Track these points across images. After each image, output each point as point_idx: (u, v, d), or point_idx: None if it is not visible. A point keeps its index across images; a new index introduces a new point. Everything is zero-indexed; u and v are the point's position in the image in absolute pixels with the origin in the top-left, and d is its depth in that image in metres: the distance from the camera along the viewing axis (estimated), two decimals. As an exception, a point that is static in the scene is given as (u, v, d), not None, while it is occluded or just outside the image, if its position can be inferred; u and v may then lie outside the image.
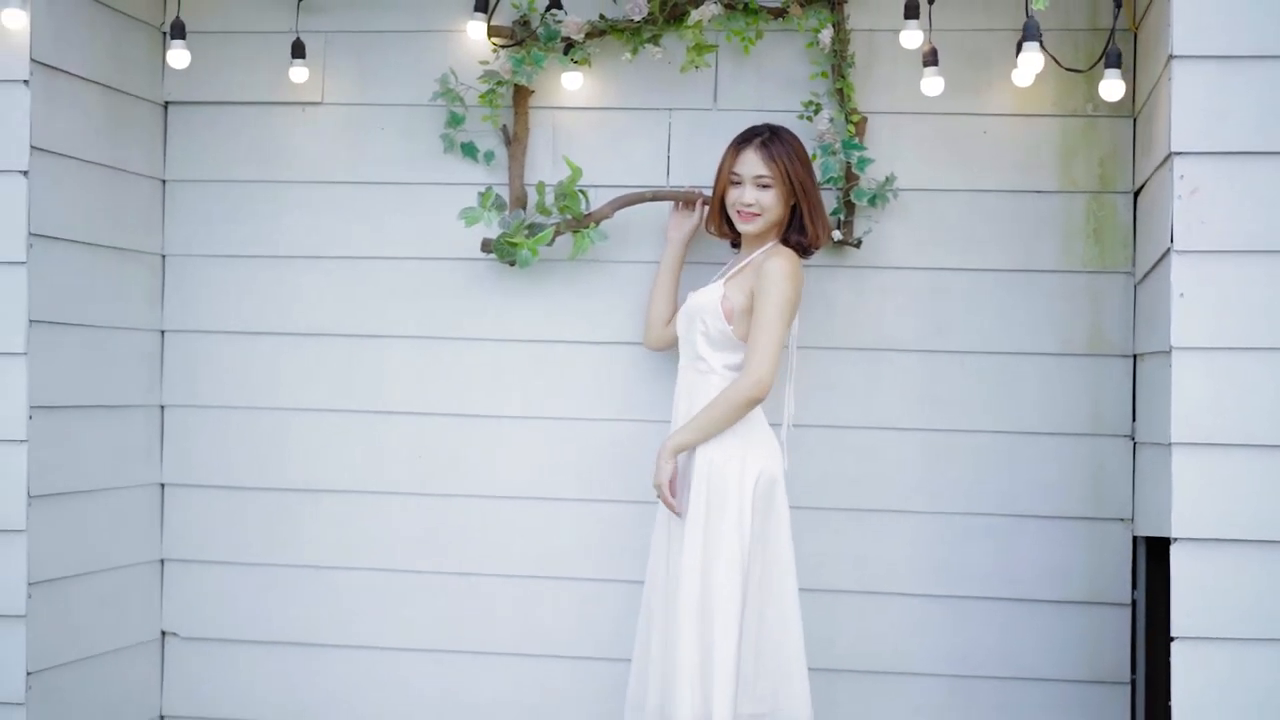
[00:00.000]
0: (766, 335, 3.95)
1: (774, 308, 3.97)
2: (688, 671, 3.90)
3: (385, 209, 4.67)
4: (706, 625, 3.92)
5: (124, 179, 4.56)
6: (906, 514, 4.49)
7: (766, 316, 3.97)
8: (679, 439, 4.02)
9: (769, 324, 3.96)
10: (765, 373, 3.94)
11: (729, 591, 3.92)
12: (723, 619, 3.91)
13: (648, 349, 4.48)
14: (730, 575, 3.92)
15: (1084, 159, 4.43)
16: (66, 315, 4.28)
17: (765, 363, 3.94)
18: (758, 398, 3.96)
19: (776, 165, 4.07)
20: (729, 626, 3.90)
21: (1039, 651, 4.44)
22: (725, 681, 3.89)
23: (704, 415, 4.01)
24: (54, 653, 4.24)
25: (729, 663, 3.89)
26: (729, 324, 4.04)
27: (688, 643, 3.92)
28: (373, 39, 4.67)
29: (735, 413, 3.98)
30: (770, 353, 3.95)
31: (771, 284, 3.98)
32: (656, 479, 4.02)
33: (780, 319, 3.98)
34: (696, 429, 4.01)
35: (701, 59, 4.43)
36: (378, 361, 4.68)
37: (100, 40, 4.41)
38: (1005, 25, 4.37)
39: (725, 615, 3.91)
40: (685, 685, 3.90)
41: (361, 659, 4.70)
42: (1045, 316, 4.44)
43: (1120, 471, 4.40)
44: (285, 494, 4.73)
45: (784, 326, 4.00)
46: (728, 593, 3.92)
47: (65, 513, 4.28)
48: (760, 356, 3.95)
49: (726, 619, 3.90)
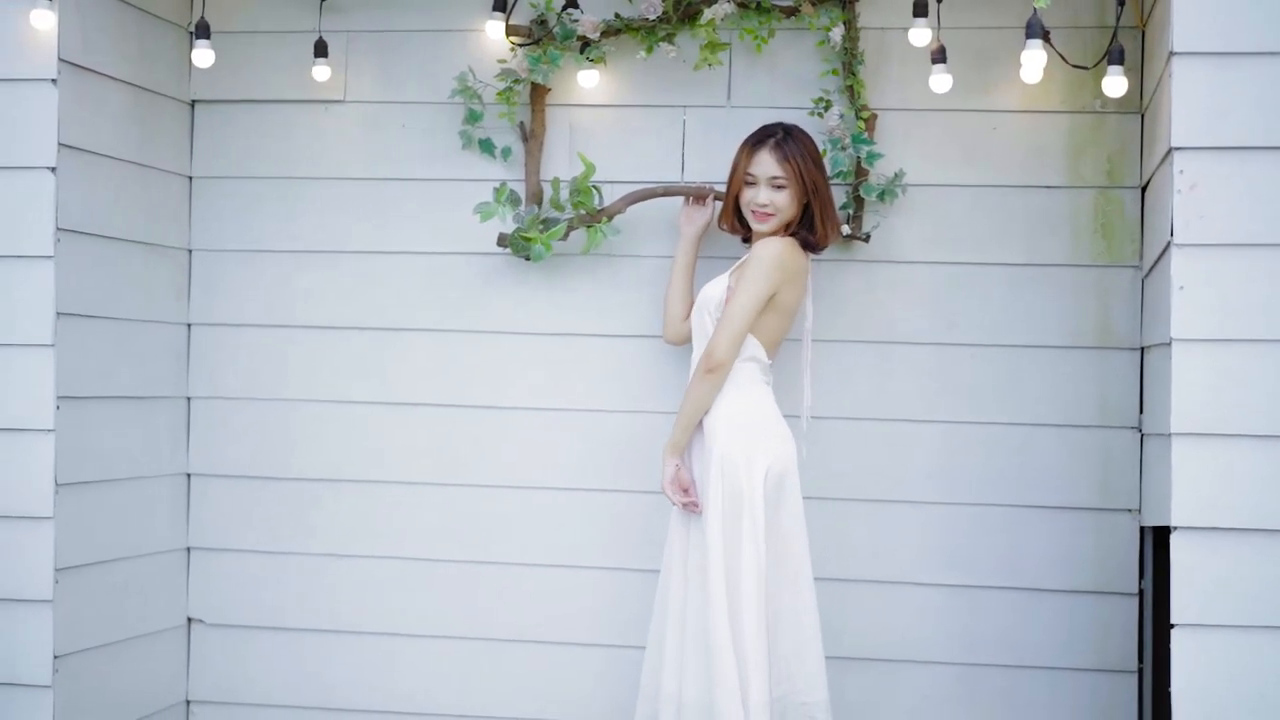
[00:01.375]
0: (730, 310, 4.04)
1: (745, 286, 4.05)
2: (725, 659, 3.94)
3: (405, 204, 4.75)
4: (734, 615, 3.97)
5: (151, 175, 4.65)
6: (917, 504, 4.54)
7: (737, 293, 4.05)
8: (672, 438, 4.12)
9: (736, 298, 4.05)
10: (718, 343, 4.04)
11: (750, 582, 3.97)
12: (748, 608, 3.96)
13: (667, 343, 4.53)
14: (750, 565, 3.97)
15: (1092, 155, 4.46)
16: (94, 308, 4.36)
17: (721, 334, 4.04)
18: (711, 368, 4.04)
19: (791, 166, 4.12)
20: (754, 615, 3.95)
21: (1047, 640, 4.48)
22: (757, 668, 3.94)
23: (682, 407, 4.10)
24: (81, 637, 4.32)
25: (759, 652, 3.95)
26: (730, 316, 4.11)
27: (721, 632, 3.95)
28: (394, 38, 4.75)
29: (702, 390, 4.07)
30: (729, 325, 4.04)
31: (751, 266, 4.06)
32: (661, 480, 4.11)
33: (748, 300, 4.04)
34: (681, 422, 4.11)
35: (715, 57, 4.49)
36: (397, 354, 4.76)
37: (127, 40, 4.50)
38: (1013, 23, 4.38)
39: (749, 605, 3.96)
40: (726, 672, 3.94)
41: (383, 645, 4.78)
42: (1054, 310, 4.48)
43: (1128, 462, 4.44)
44: (308, 484, 4.81)
45: (751, 306, 4.05)
46: (749, 583, 3.97)
47: (92, 501, 4.37)
48: (719, 329, 4.05)
49: (751, 608, 3.96)
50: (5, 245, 4.17)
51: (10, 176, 4.17)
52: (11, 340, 4.17)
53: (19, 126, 4.16)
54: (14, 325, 4.17)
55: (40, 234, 4.16)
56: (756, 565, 3.98)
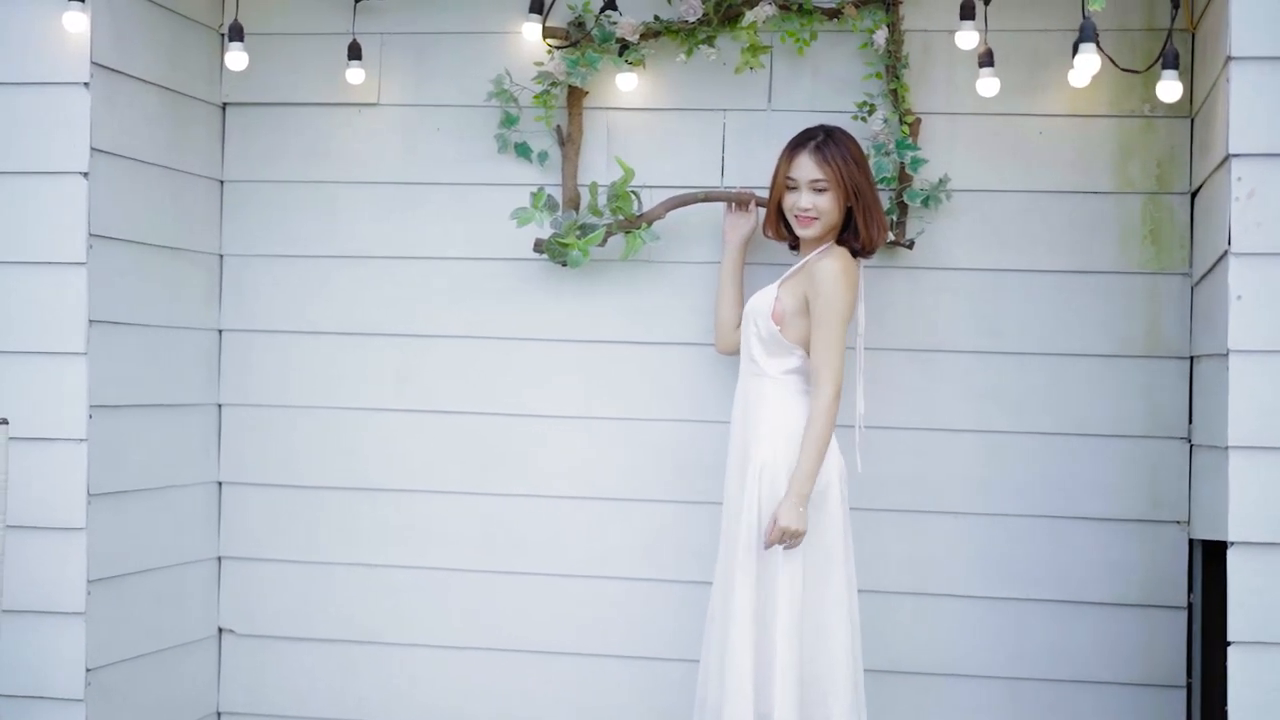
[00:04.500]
0: (825, 341, 3.96)
1: (829, 310, 3.97)
2: (739, 678, 3.89)
3: (439, 209, 4.69)
4: (765, 630, 3.91)
5: (182, 180, 4.59)
6: (961, 515, 4.47)
7: (823, 319, 3.97)
8: (799, 487, 3.91)
9: (827, 327, 3.96)
10: (828, 377, 3.94)
11: (785, 598, 3.91)
12: (780, 625, 3.90)
13: (720, 353, 4.45)
14: (785, 581, 3.91)
15: (1141, 160, 4.40)
16: (126, 315, 4.31)
17: (829, 369, 3.94)
18: (834, 401, 3.94)
19: (831, 169, 4.05)
20: (786, 632, 3.89)
21: (1094, 654, 4.41)
22: (785, 689, 3.88)
23: (805, 450, 3.93)
24: (113, 650, 4.27)
25: (789, 669, 3.89)
26: (777, 326, 4.04)
27: (739, 649, 3.90)
28: (428, 40, 4.69)
29: (826, 425, 3.94)
30: (831, 358, 3.95)
31: (824, 287, 3.98)
32: (794, 526, 3.89)
33: (837, 321, 3.97)
34: (807, 464, 3.92)
35: (756, 60, 4.42)
36: (431, 361, 4.70)
37: (159, 42, 4.45)
38: (1061, 26, 4.33)
39: (782, 622, 3.90)
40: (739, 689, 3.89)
41: (417, 657, 4.72)
42: (1101, 318, 4.41)
43: (1176, 474, 4.37)
44: (340, 492, 4.75)
45: (841, 327, 3.98)
46: (784, 599, 3.91)
47: (124, 511, 4.32)
48: (823, 365, 3.95)
49: (784, 625, 3.90)
50: (37, 252, 4.12)
51: (42, 182, 4.12)
52: (44, 348, 4.12)
53: (51, 131, 4.11)
54: (46, 333, 4.12)
55: (73, 240, 4.10)
56: (791, 581, 3.92)
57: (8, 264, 4.13)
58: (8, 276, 4.13)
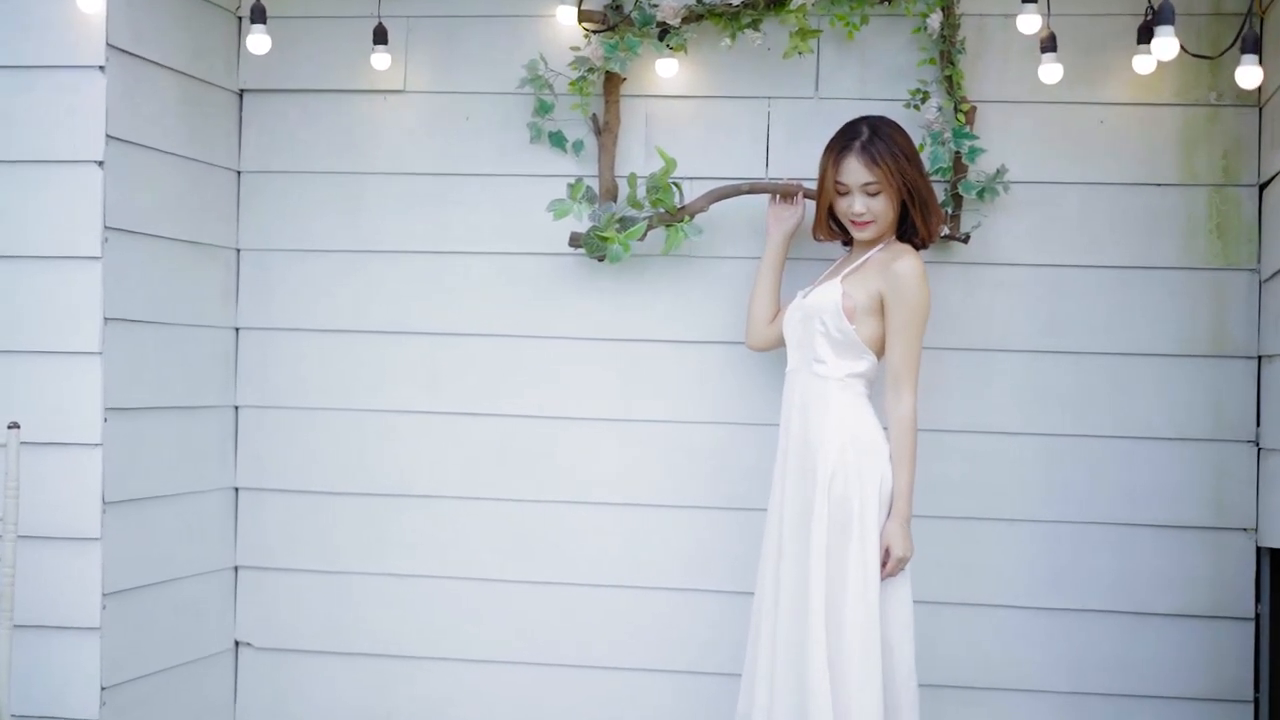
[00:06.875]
0: (909, 346, 3.84)
1: (916, 315, 3.84)
2: (821, 704, 3.72)
3: (469, 201, 4.54)
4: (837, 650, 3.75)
5: (199, 170, 4.42)
6: (1016, 522, 4.33)
7: (908, 324, 3.84)
8: (903, 509, 3.83)
9: (911, 331, 3.84)
10: (912, 388, 3.84)
11: (858, 614, 3.74)
12: (851, 641, 3.73)
13: (750, 349, 4.32)
14: (857, 594, 3.75)
15: (1206, 151, 4.25)
16: (140, 312, 4.14)
17: (914, 377, 3.85)
18: (916, 411, 3.84)
19: (882, 169, 3.88)
20: (861, 650, 3.72)
21: (1157, 667, 4.29)
22: (864, 711, 3.72)
23: (899, 469, 3.82)
24: (128, 666, 4.11)
25: (869, 690, 3.73)
26: (851, 324, 3.86)
27: (818, 673, 3.73)
28: (457, 24, 4.53)
29: (915, 437, 3.84)
30: (915, 366, 3.85)
31: (908, 293, 3.84)
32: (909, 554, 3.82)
33: (922, 327, 3.85)
34: (904, 483, 3.83)
35: (805, 45, 4.25)
36: (460, 360, 4.55)
37: (176, 25, 4.27)
38: (1125, 10, 4.19)
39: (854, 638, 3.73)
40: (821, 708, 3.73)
41: (443, 671, 4.57)
42: (1165, 315, 4.27)
43: (1244, 479, 4.24)
44: (363, 498, 4.59)
45: (923, 332, 3.86)
46: (858, 614, 3.74)
47: (140, 519, 4.15)
48: (908, 373, 3.84)
49: (857, 642, 3.73)
50: (50, 246, 3.96)
51: (55, 171, 3.95)
52: (57, 348, 3.96)
53: (65, 117, 3.94)
54: (60, 332, 3.96)
55: (88, 233, 3.94)
56: (865, 595, 3.75)
57: (19, 258, 3.97)
58: (19, 272, 3.97)
